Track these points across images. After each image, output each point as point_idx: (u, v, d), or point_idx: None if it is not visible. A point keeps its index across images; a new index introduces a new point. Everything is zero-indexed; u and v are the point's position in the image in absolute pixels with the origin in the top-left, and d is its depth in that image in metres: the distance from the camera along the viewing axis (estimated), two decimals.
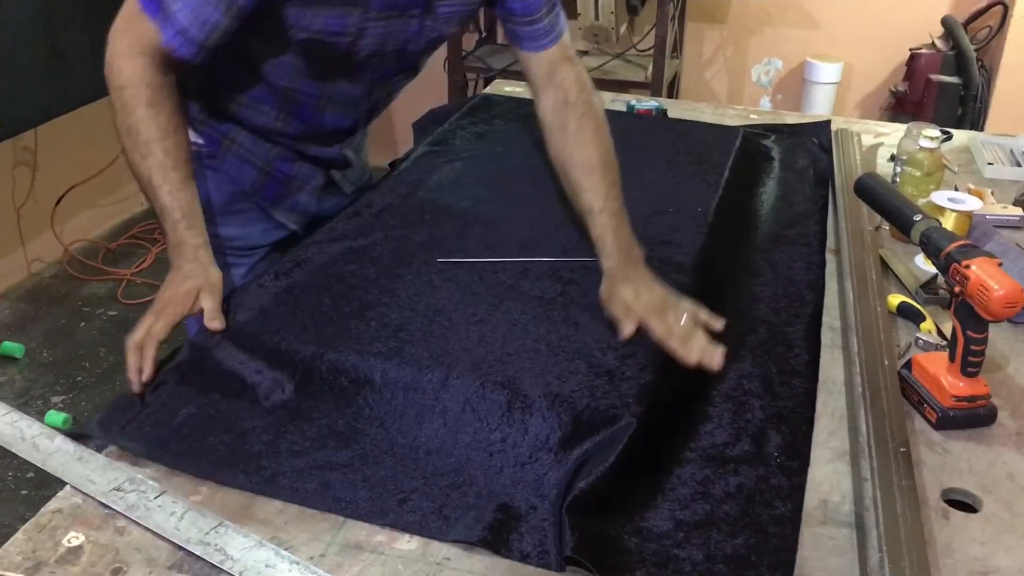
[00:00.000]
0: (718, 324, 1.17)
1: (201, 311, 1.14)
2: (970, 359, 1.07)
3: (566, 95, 1.35)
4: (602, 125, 1.34)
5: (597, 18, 2.94)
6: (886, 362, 1.14)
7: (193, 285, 1.15)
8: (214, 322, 1.13)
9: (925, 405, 1.10)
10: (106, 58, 1.19)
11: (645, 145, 1.75)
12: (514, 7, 1.34)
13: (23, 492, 2.16)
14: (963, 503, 0.98)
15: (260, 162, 1.40)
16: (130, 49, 1.17)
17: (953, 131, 1.93)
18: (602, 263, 1.22)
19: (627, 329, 1.13)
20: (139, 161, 1.18)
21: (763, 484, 0.98)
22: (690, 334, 1.13)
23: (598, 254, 1.23)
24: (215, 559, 0.86)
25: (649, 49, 3.17)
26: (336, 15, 1.19)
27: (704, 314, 1.18)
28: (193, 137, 1.31)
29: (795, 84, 3.52)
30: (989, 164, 1.77)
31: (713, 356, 1.11)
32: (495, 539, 0.89)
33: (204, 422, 1.05)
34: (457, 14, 1.33)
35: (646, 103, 1.99)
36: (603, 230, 1.24)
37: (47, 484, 0.97)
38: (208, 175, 1.37)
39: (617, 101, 2.05)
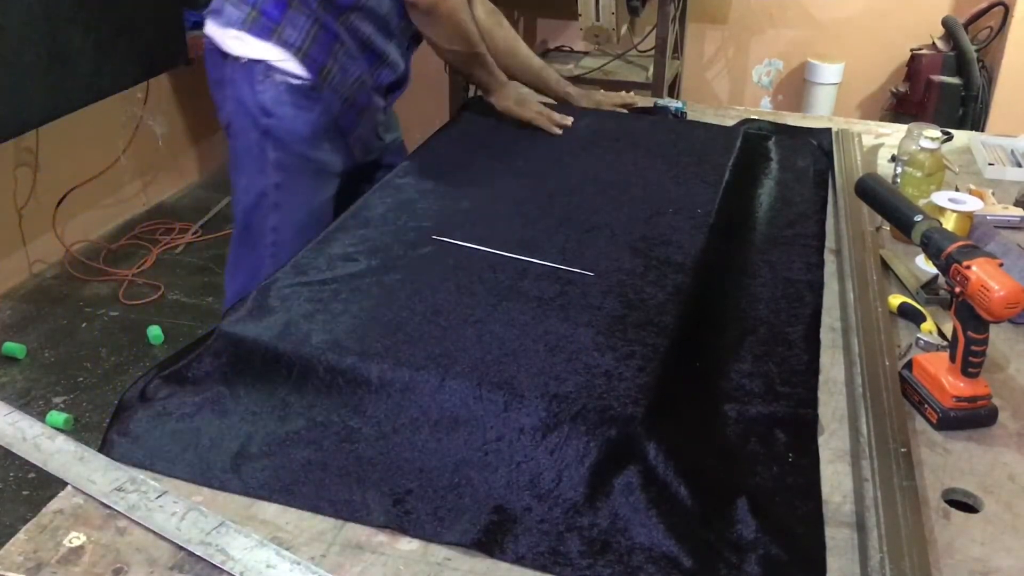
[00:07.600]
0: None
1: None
2: (971, 359, 1.07)
3: (487, 5, 1.93)
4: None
5: (598, 19, 2.94)
6: (887, 362, 1.15)
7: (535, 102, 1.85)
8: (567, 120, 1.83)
9: (926, 405, 1.10)
10: None
11: (645, 145, 1.75)
12: None
13: (24, 492, 2.16)
14: (964, 503, 0.98)
15: (347, 92, 1.67)
16: None
17: (954, 132, 1.93)
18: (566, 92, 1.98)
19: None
20: (471, 48, 1.70)
21: (779, 484, 0.98)
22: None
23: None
24: (216, 559, 0.86)
25: (650, 50, 3.17)
26: None
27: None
28: (299, 70, 1.60)
29: (796, 85, 3.52)
30: (990, 165, 1.77)
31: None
32: (489, 541, 0.89)
33: (198, 424, 1.05)
34: None
35: (669, 103, 2.00)
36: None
37: (48, 484, 0.97)
38: (311, 106, 1.64)
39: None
